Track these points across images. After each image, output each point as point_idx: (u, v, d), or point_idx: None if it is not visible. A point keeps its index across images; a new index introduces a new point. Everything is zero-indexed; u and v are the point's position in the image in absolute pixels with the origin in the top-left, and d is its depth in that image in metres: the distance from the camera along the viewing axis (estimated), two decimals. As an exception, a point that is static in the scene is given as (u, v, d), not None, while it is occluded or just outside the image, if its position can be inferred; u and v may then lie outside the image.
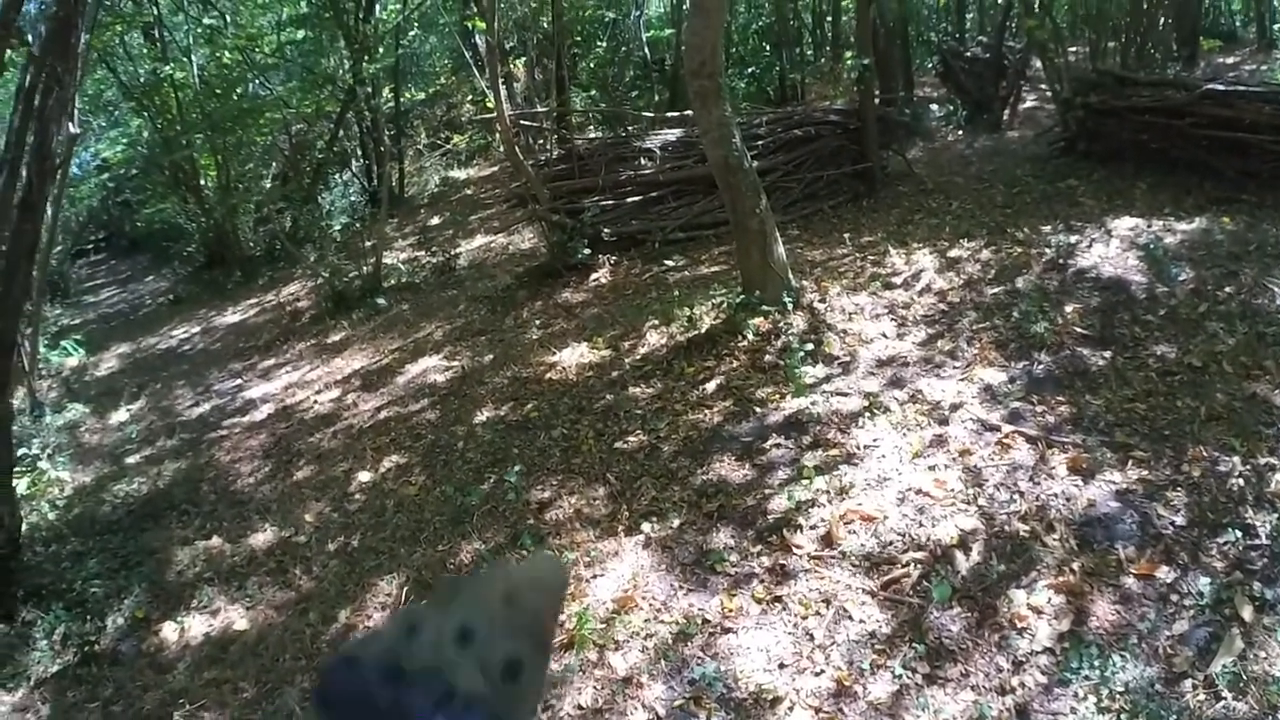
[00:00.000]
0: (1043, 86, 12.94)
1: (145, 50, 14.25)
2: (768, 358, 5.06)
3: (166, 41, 13.25)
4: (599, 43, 14.27)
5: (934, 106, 11.19)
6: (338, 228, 12.31)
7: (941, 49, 12.65)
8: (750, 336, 5.15)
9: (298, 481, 5.52)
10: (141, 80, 13.11)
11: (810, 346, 5.06)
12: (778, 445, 4.33)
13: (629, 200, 8.04)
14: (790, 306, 5.37)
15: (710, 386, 4.95)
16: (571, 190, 8.09)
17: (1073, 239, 6.27)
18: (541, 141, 9.72)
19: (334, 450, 5.77)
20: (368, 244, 12.48)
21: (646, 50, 14.32)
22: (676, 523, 3.93)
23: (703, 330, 5.53)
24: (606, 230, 7.82)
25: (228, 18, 12.68)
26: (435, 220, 12.78)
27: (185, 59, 12.50)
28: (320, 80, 12.48)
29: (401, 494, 4.88)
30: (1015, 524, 3.76)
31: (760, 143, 7.95)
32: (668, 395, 4.97)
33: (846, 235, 7.41)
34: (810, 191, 8.22)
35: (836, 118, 8.43)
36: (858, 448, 4.26)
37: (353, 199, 14.09)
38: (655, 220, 7.97)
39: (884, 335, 5.26)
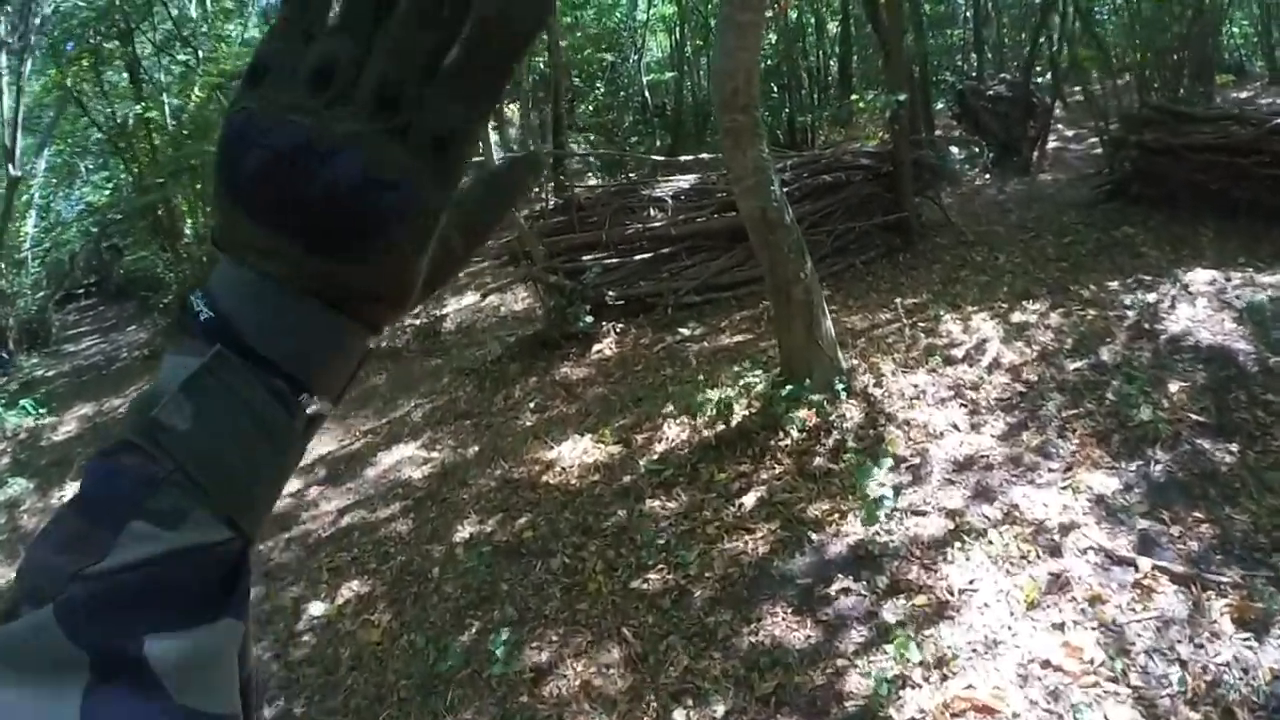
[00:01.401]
0: (1060, 127, 12.21)
1: (123, 90, 13.50)
2: (818, 460, 4.07)
3: (143, 81, 12.47)
4: (598, 85, 13.52)
5: (953, 149, 10.34)
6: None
7: (959, 88, 11.87)
8: (795, 433, 4.17)
9: (239, 610, 4.49)
10: (118, 121, 12.33)
11: (869, 445, 4.08)
12: (846, 590, 3.32)
13: (637, 258, 7.09)
14: (842, 393, 4.39)
15: (749, 500, 3.95)
16: (571, 246, 7.14)
17: (1150, 298, 5.36)
18: (537, 190, 8.78)
19: (284, 566, 4.74)
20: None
21: (647, 94, 13.57)
22: (721, 710, 2.91)
23: (734, 423, 4.54)
24: (611, 293, 6.86)
25: (200, 54, 11.83)
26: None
27: (161, 98, 11.70)
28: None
29: (361, 640, 3.84)
30: (1183, 711, 2.77)
31: (784, 190, 7.06)
32: (696, 512, 3.96)
33: (887, 296, 6.47)
34: (840, 245, 7.30)
35: (868, 161, 7.53)
36: (951, 593, 3.25)
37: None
38: (667, 281, 7.03)
39: (955, 426, 4.29)
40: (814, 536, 3.62)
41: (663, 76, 14.13)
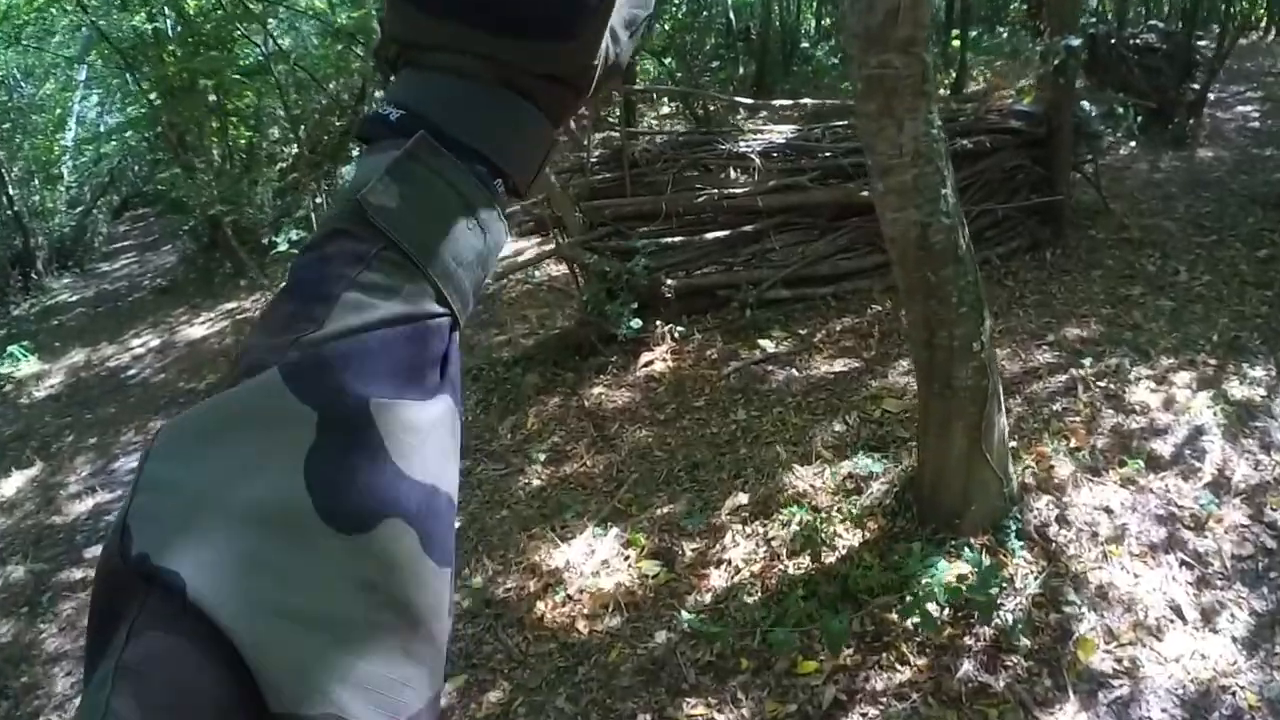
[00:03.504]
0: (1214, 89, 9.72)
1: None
2: (965, 667, 2.47)
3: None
4: (674, 2, 11.56)
5: (1085, 105, 8.24)
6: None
7: (1091, 33, 9.51)
8: (932, 609, 2.55)
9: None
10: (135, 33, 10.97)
11: (1049, 644, 2.48)
12: None
13: (708, 235, 5.39)
14: (1012, 539, 2.77)
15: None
16: (620, 215, 5.41)
17: None
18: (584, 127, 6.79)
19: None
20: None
21: (732, 15, 11.59)
22: None
23: (834, 556, 2.96)
24: (670, 282, 5.20)
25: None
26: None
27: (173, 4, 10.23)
28: (340, 32, 10.13)
29: None
30: None
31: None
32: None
33: (1038, 315, 4.72)
34: (974, 234, 5.49)
35: (1019, 123, 5.63)
36: None
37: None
38: (746, 269, 5.34)
39: (1177, 613, 2.61)
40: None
41: (749, -1, 12.07)
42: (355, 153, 11.54)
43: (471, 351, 5.88)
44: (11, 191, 13.29)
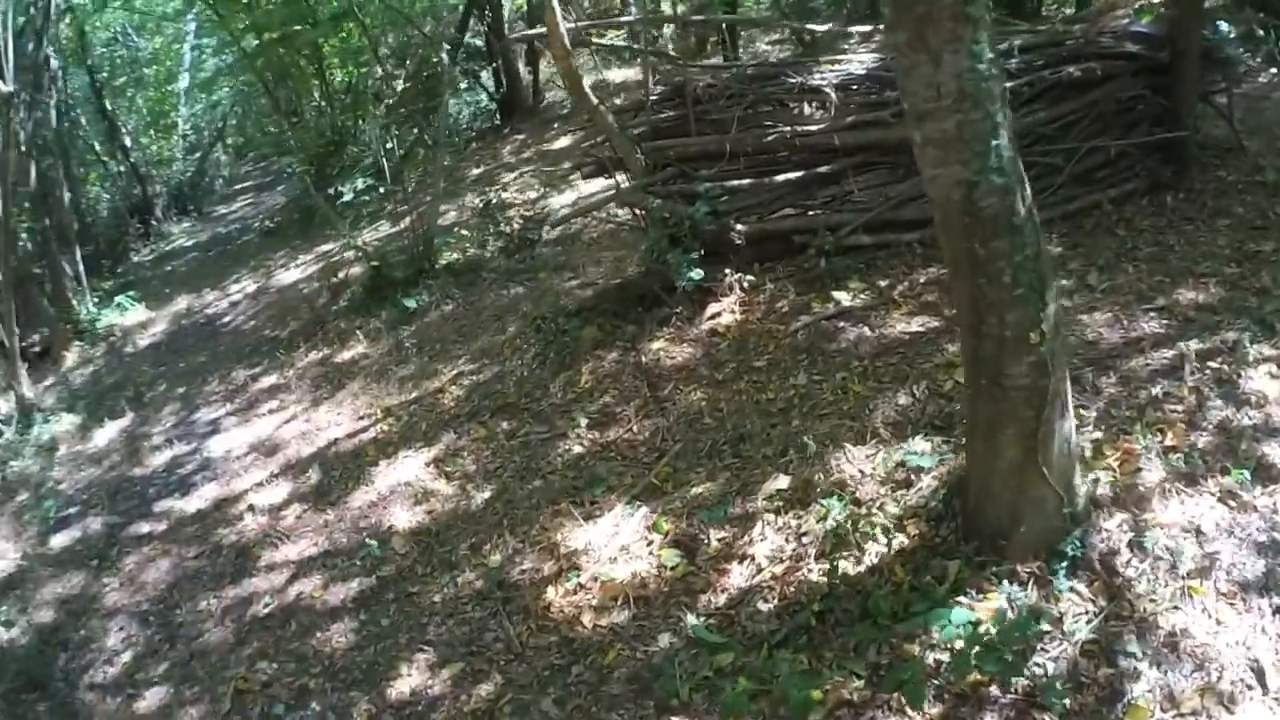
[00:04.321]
0: None
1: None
2: None
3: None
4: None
5: (1220, 25, 7.09)
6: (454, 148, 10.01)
7: None
8: (960, 644, 2.17)
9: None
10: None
11: (1095, 706, 2.08)
12: None
13: (780, 178, 4.89)
14: (1066, 569, 2.35)
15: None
16: (684, 155, 4.96)
17: None
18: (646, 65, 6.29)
19: (206, 654, 3.43)
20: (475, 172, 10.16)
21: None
22: None
23: (863, 564, 2.62)
24: (739, 227, 4.78)
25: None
26: (564, 141, 10.06)
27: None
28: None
29: None
30: None
31: (1012, 84, 4.63)
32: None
33: (1151, 272, 4.09)
34: (1082, 172, 4.85)
35: (1136, 46, 4.86)
36: None
37: (484, 106, 12.06)
38: (823, 214, 4.84)
39: (1258, 680, 2.09)
40: None
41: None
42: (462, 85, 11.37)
43: (542, 298, 5.68)
44: (127, 142, 13.81)
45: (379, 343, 6.02)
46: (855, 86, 5.00)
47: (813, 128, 4.84)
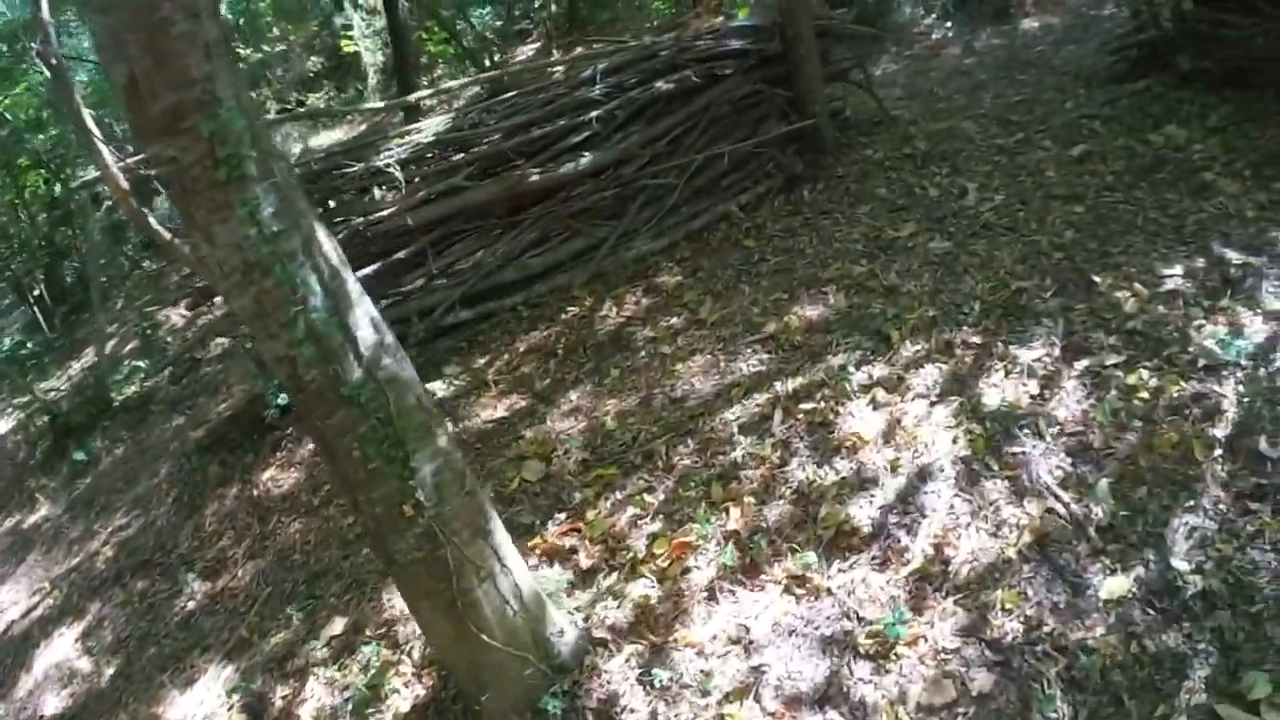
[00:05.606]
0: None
1: None
2: None
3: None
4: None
5: None
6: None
7: None
8: None
9: None
10: None
11: None
12: None
13: (360, 273, 4.24)
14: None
15: None
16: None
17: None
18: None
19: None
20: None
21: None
22: None
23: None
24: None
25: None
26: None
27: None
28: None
29: None
30: None
31: (599, 112, 4.20)
32: None
33: (768, 289, 3.77)
34: (705, 185, 4.51)
35: (740, 43, 4.56)
36: None
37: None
38: (417, 298, 4.26)
39: None
40: None
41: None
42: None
43: (198, 427, 4.88)
44: None
45: (58, 503, 5.19)
46: (429, 156, 4.41)
47: (384, 213, 4.21)
